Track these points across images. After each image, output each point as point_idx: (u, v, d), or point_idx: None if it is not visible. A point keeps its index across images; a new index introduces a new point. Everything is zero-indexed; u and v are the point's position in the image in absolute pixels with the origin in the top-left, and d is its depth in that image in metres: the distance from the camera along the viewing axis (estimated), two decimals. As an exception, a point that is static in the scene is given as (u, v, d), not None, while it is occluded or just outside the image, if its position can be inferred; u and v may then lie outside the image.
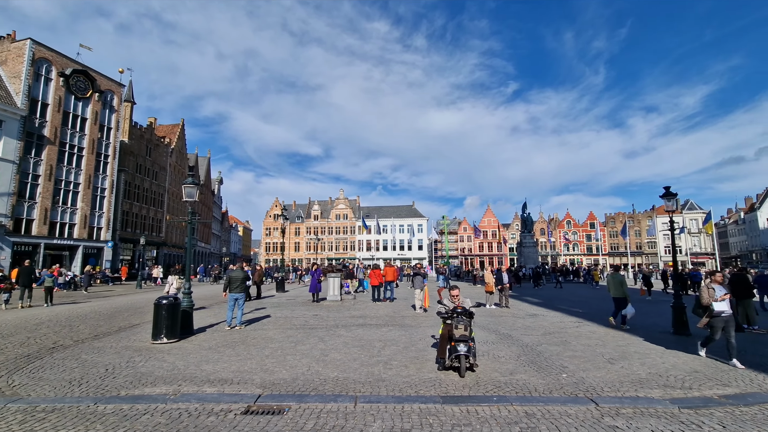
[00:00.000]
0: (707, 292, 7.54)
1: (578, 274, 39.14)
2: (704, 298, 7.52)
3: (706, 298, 7.49)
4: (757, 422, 4.68)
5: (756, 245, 78.14)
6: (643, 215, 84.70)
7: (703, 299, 7.52)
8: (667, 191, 10.82)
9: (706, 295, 7.51)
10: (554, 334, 10.13)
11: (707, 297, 7.48)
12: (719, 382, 6.21)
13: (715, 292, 7.47)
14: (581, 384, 6.04)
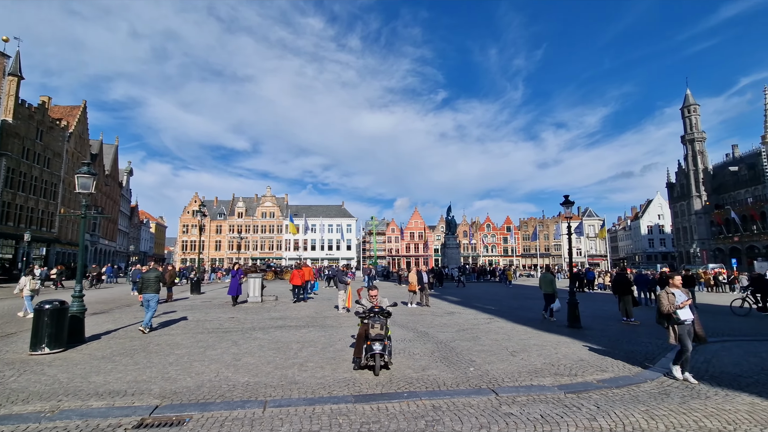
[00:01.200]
0: (667, 298, 6.55)
1: (495, 274, 42.04)
2: (664, 305, 6.52)
3: (666, 305, 6.50)
4: (624, 401, 5.40)
5: (638, 249, 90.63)
6: (551, 220, 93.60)
7: (664, 307, 6.53)
8: (566, 199, 12.09)
9: (667, 302, 6.52)
10: (467, 331, 10.76)
11: (668, 304, 6.49)
12: (599, 368, 7.06)
13: (676, 298, 6.51)
14: (485, 376, 6.47)
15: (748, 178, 58.31)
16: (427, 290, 16.96)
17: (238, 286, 16.34)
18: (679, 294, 6.58)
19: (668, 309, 6.46)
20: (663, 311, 6.56)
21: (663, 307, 6.54)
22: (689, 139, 67.98)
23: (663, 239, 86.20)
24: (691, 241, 66.71)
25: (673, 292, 6.58)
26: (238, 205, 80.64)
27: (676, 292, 6.61)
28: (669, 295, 6.57)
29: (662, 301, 6.59)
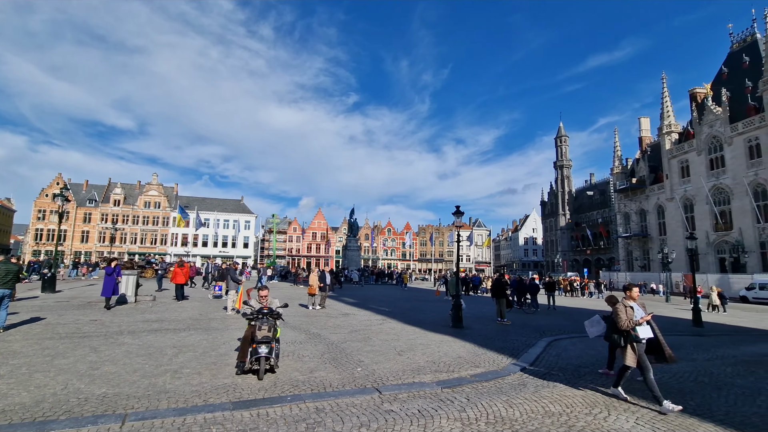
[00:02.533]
0: (625, 312, 5.67)
1: (392, 276, 43.65)
2: (623, 320, 5.62)
3: (624, 320, 5.61)
4: (491, 393, 6.02)
5: (516, 257, 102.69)
6: (447, 228, 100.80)
7: (622, 322, 5.62)
8: (457, 210, 13.14)
9: (625, 316, 5.63)
10: (360, 332, 10.95)
11: (626, 319, 5.61)
12: (473, 364, 7.77)
13: (635, 313, 5.73)
14: (372, 376, 6.65)
15: (600, 202, 70.29)
16: (327, 291, 16.81)
17: (114, 286, 13.98)
18: (638, 308, 5.81)
19: (627, 325, 5.59)
20: (621, 327, 5.64)
21: (621, 322, 5.62)
22: (559, 165, 79.48)
23: (535, 250, 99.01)
24: (556, 252, 77.82)
25: (632, 306, 5.75)
26: (114, 192, 70.53)
27: (634, 305, 5.80)
28: (627, 309, 5.70)
29: (620, 315, 5.65)
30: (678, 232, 46.64)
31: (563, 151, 79.82)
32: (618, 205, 58.71)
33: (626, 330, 5.65)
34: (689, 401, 5.91)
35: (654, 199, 51.95)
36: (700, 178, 44.88)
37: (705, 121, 44.85)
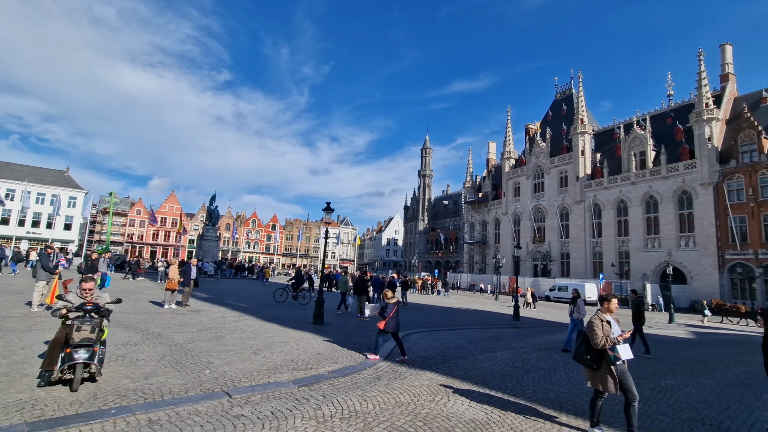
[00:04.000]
0: (602, 327, 4.75)
1: (253, 270, 41.33)
2: (599, 337, 4.68)
3: (601, 338, 4.67)
4: (347, 388, 6.12)
5: (379, 257, 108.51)
6: (315, 224, 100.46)
7: (598, 338, 4.67)
8: (327, 206, 13.13)
9: (601, 333, 4.71)
10: (211, 330, 9.98)
11: (602, 336, 4.69)
12: (332, 360, 7.82)
13: (611, 329, 4.83)
14: (222, 378, 6.09)
15: (453, 211, 79.43)
16: (191, 287, 14.53)
17: None
18: (614, 324, 4.93)
19: (603, 343, 4.65)
20: (596, 345, 4.68)
21: (596, 339, 4.68)
22: (423, 174, 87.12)
23: (396, 250, 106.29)
24: (413, 253, 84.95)
25: (608, 320, 4.86)
26: None
27: (611, 320, 4.93)
28: (603, 324, 4.80)
29: (595, 331, 4.71)
30: (508, 242, 55.84)
31: (427, 161, 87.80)
32: (466, 215, 67.26)
33: (602, 349, 4.68)
34: (508, 383, 7.03)
35: (494, 212, 61.16)
36: (527, 198, 54.73)
37: (533, 152, 54.87)
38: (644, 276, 39.32)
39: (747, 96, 40.33)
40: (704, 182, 36.49)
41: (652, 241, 40.35)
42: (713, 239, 35.65)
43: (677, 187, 38.55)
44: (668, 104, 46.68)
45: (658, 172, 40.29)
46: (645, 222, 41.16)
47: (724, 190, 35.28)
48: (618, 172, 44.46)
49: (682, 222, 38.32)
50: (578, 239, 47.24)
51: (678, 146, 40.06)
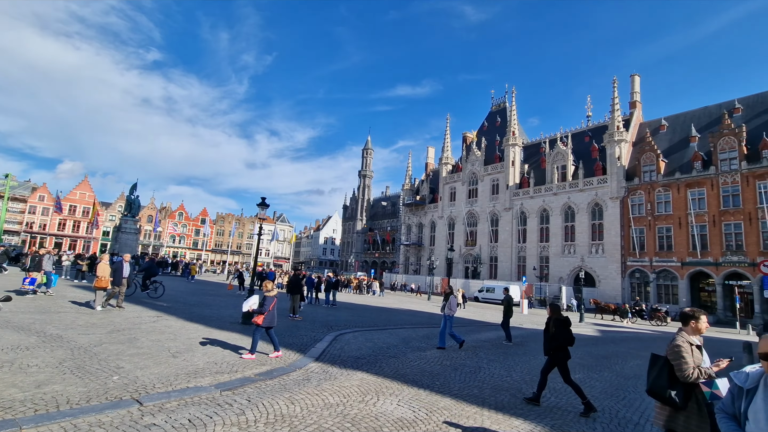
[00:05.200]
0: (691, 354, 3.50)
1: (177, 266, 38.50)
2: (689, 367, 3.42)
3: (692, 368, 3.42)
4: (274, 391, 5.89)
5: (315, 255, 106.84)
6: (249, 219, 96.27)
7: (689, 370, 3.41)
8: (263, 201, 12.60)
9: (692, 361, 3.47)
10: (123, 331, 9.08)
11: (693, 366, 3.44)
12: (260, 363, 7.48)
13: (703, 357, 3.61)
14: (133, 384, 5.54)
15: (391, 212, 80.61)
16: (125, 287, 12.69)
17: None
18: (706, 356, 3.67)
19: (695, 375, 3.38)
20: (685, 377, 3.39)
21: (686, 369, 3.40)
22: (363, 174, 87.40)
23: (333, 249, 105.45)
24: (351, 253, 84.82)
25: (697, 344, 3.60)
26: None
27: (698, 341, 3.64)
28: (693, 349, 3.53)
29: (684, 359, 3.44)
30: (442, 244, 57.92)
31: (368, 162, 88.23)
32: (404, 217, 68.63)
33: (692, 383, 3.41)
34: (436, 381, 7.24)
35: (430, 215, 63.09)
36: (462, 203, 57.25)
37: (469, 160, 57.55)
38: (560, 279, 43.00)
39: (650, 122, 45.85)
40: (613, 196, 40.84)
41: (568, 247, 44.25)
42: (618, 247, 40.00)
43: (591, 199, 42.71)
44: (587, 124, 51.57)
45: (576, 185, 44.31)
46: (563, 230, 45.03)
47: (628, 204, 39.77)
48: (542, 183, 48.19)
49: (594, 231, 42.51)
50: (506, 244, 50.40)
51: (593, 162, 44.39)
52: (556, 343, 6.33)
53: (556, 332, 6.37)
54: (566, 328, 6.40)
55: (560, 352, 6.32)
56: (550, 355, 6.41)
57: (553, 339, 6.38)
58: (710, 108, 41.02)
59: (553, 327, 6.46)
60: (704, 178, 35.17)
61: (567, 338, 6.33)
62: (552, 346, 6.39)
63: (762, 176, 32.11)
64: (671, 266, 36.35)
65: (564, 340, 6.32)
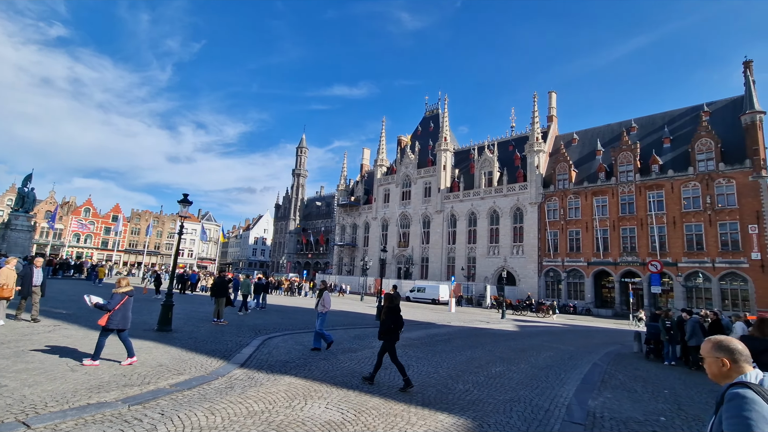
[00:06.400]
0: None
1: (81, 269, 34.38)
2: None
3: None
4: (192, 402, 5.48)
5: (244, 256, 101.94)
6: (169, 218, 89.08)
7: None
8: (184, 198, 11.71)
9: None
10: (8, 344, 7.87)
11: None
12: (177, 372, 6.93)
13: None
14: (19, 404, 4.81)
15: (325, 212, 79.69)
16: (39, 294, 10.84)
17: None
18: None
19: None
20: None
21: None
22: (297, 173, 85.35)
23: (264, 250, 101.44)
24: (282, 253, 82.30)
25: None
26: None
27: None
28: None
29: None
30: (376, 245, 58.53)
31: (302, 161, 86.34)
32: (338, 218, 68.24)
33: None
34: (366, 382, 7.25)
35: (364, 216, 63.44)
36: (395, 205, 58.38)
37: (403, 163, 58.92)
38: (486, 278, 45.70)
39: (564, 135, 50.59)
40: (532, 202, 44.36)
41: (493, 249, 47.18)
42: (536, 249, 43.54)
43: (513, 204, 45.99)
44: (511, 134, 55.46)
45: (500, 190, 47.42)
46: (489, 232, 47.92)
47: (545, 209, 43.49)
48: (471, 187, 50.89)
49: (516, 234, 45.82)
50: (437, 245, 52.35)
51: (516, 170, 47.86)
52: (384, 327, 7.15)
53: (386, 319, 7.19)
54: (395, 314, 7.26)
55: (390, 335, 7.13)
56: (384, 339, 7.18)
57: (383, 324, 7.21)
58: (612, 125, 46.35)
59: (384, 314, 7.31)
60: (607, 187, 39.65)
61: (396, 323, 7.20)
62: (382, 330, 7.19)
63: (651, 187, 37.05)
64: (579, 266, 40.42)
65: (393, 325, 7.16)
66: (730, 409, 1.82)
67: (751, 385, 1.85)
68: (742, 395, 1.81)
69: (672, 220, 35.55)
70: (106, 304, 6.95)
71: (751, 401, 1.77)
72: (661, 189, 36.51)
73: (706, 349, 2.15)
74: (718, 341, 2.13)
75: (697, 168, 35.07)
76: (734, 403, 1.82)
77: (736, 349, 2.05)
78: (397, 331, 7.24)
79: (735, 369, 2.01)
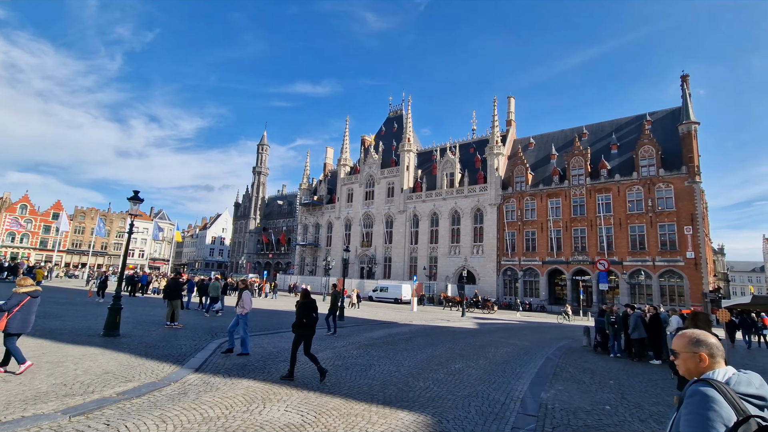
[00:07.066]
0: None
1: (16, 271, 31.62)
2: None
3: None
4: (141, 410, 5.19)
5: (200, 256, 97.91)
6: (118, 216, 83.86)
7: None
8: (135, 195, 11.07)
9: None
10: (-72, 354, 7.09)
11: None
12: (124, 379, 6.53)
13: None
14: (-62, 421, 4.35)
15: (287, 212, 78.13)
16: None
17: None
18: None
19: None
20: None
21: None
22: (258, 171, 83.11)
23: (222, 250, 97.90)
24: (242, 254, 79.83)
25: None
26: None
27: None
28: None
29: None
30: (339, 245, 58.17)
31: (263, 158, 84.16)
32: (301, 217, 67.13)
33: None
34: (326, 382, 7.19)
35: (327, 216, 62.82)
36: (359, 205, 58.27)
37: (367, 162, 58.94)
38: (447, 278, 46.64)
39: (521, 139, 52.62)
40: (492, 203, 45.78)
41: (454, 248, 48.24)
42: (495, 249, 44.98)
43: (474, 205, 47.26)
44: (472, 137, 56.94)
45: (462, 191, 48.57)
46: (450, 233, 48.94)
47: (503, 210, 45.03)
48: (434, 188, 51.75)
49: (476, 234, 47.11)
50: (399, 245, 52.79)
51: (477, 172, 49.21)
52: (297, 321, 7.39)
53: (299, 313, 7.43)
54: (309, 310, 7.48)
55: (302, 329, 7.36)
56: (296, 333, 7.38)
57: (296, 318, 7.43)
58: (566, 131, 48.76)
59: (298, 309, 7.52)
60: (560, 189, 41.66)
61: (308, 318, 7.43)
62: (294, 324, 7.42)
63: (600, 190, 39.34)
64: (535, 265, 42.19)
65: (306, 320, 7.38)
66: (689, 405, 1.75)
67: (714, 383, 1.76)
68: (703, 392, 1.73)
69: (618, 222, 37.93)
70: (3, 305, 6.27)
71: (711, 399, 1.69)
72: (609, 192, 38.87)
73: (681, 344, 2.00)
74: (694, 336, 1.98)
75: (640, 173, 37.65)
76: (694, 399, 1.75)
77: (713, 344, 1.93)
78: (313, 325, 7.47)
79: (712, 364, 1.90)
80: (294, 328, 7.44)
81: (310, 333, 7.48)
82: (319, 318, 7.91)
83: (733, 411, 1.66)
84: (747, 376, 1.81)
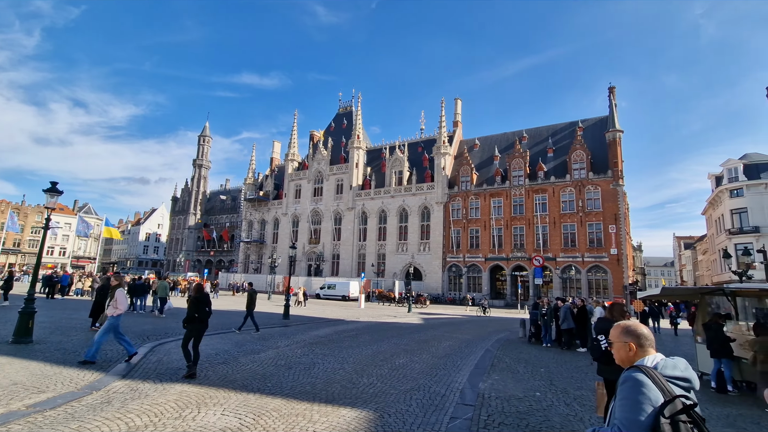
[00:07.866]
0: None
1: None
2: None
3: None
4: (56, 422, 4.72)
5: (133, 254, 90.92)
6: (34, 209, 75.37)
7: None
8: (53, 186, 9.97)
9: None
10: None
11: None
12: (37, 390, 5.90)
13: None
14: None
15: (231, 207, 74.78)
16: None
17: None
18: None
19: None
20: None
21: None
22: (199, 164, 78.64)
23: (158, 247, 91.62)
24: (180, 251, 75.21)
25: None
26: None
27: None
28: None
29: None
30: (286, 242, 56.75)
31: (205, 150, 79.78)
32: (245, 213, 64.61)
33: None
34: (267, 383, 7.00)
35: (274, 212, 61.04)
36: (307, 201, 57.25)
37: (316, 158, 58.04)
38: (395, 274, 47.29)
39: (467, 140, 54.61)
40: (438, 201, 47.08)
41: (402, 245, 49.01)
42: (441, 246, 46.35)
43: (422, 203, 48.31)
44: (420, 136, 58.10)
45: (410, 189, 49.44)
46: (398, 230, 49.66)
47: (449, 208, 46.51)
48: (382, 185, 52.18)
49: (423, 231, 48.21)
50: (348, 242, 52.63)
51: (425, 171, 50.32)
52: (188, 315, 7.40)
53: (190, 308, 7.42)
54: (201, 305, 7.45)
55: (192, 324, 7.33)
56: (187, 328, 7.35)
57: (187, 313, 7.44)
58: (508, 134, 51.31)
59: (190, 303, 7.51)
60: (502, 189, 43.82)
61: (200, 312, 7.39)
62: (185, 319, 7.43)
63: (537, 191, 41.92)
64: (478, 261, 44.06)
65: (197, 314, 7.37)
66: (622, 391, 1.90)
67: (643, 368, 1.92)
68: (634, 377, 1.89)
69: (553, 221, 40.68)
70: None
71: (641, 383, 1.85)
72: (546, 193, 41.55)
73: (614, 334, 2.18)
74: (626, 326, 2.15)
75: (572, 176, 40.64)
76: (626, 385, 1.90)
77: (642, 334, 2.09)
78: (205, 320, 7.44)
79: (640, 353, 2.06)
80: (185, 323, 7.38)
81: (202, 328, 7.44)
82: (212, 313, 7.74)
83: (661, 393, 1.82)
84: (673, 361, 1.98)
